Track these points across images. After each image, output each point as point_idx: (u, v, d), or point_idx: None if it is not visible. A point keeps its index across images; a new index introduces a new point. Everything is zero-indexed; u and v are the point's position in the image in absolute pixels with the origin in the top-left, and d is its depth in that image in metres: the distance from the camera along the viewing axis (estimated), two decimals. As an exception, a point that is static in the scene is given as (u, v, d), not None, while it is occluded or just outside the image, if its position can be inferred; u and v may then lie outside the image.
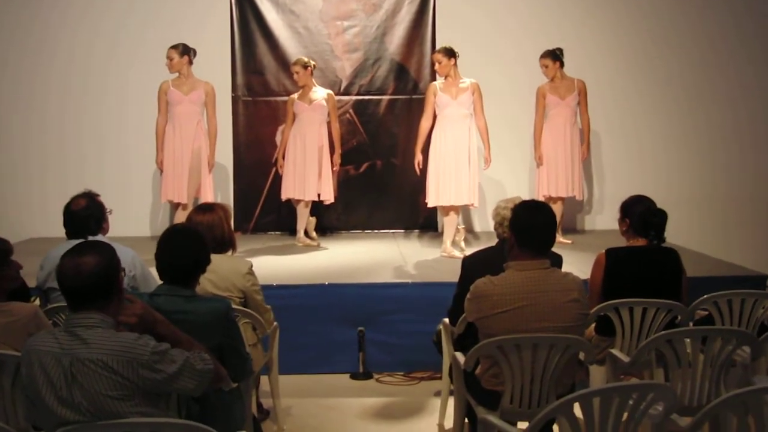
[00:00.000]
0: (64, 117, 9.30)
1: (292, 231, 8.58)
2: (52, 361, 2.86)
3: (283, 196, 8.32)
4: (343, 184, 9.07)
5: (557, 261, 4.58)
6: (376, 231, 9.41)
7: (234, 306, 4.52)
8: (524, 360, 3.83)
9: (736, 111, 9.51)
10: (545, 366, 3.83)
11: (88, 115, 9.29)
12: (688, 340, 4.05)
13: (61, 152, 9.30)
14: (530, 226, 3.96)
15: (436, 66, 7.74)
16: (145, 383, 2.88)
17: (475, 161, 7.69)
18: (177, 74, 7.96)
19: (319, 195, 8.21)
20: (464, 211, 8.79)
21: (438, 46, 8.23)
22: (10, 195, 9.23)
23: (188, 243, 3.71)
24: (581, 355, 4.04)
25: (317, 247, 8.33)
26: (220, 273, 4.60)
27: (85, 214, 4.79)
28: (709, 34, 9.46)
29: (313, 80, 8.29)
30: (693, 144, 9.51)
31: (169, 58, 7.88)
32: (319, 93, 8.23)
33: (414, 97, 9.30)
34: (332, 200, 8.36)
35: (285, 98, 8.68)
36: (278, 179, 8.44)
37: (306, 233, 8.44)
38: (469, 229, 9.17)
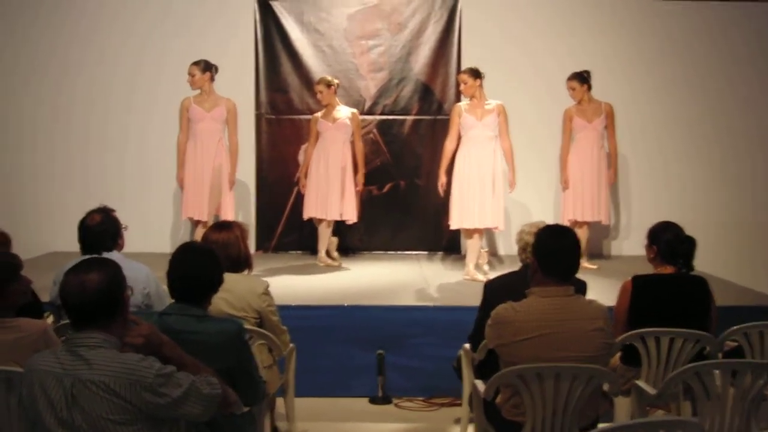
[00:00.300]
0: (88, 131, 9.27)
1: (314, 250, 8.49)
2: (53, 381, 2.76)
3: (305, 216, 8.25)
4: (366, 204, 8.98)
5: (581, 287, 4.47)
6: (398, 252, 9.29)
7: (249, 327, 4.44)
8: (546, 390, 3.69)
9: (766, 136, 9.32)
10: (568, 397, 3.69)
11: (112, 130, 9.26)
12: (717, 372, 3.90)
13: (83, 166, 9.28)
14: (554, 252, 3.83)
15: (462, 87, 7.65)
16: (148, 407, 2.76)
17: (501, 184, 7.57)
18: (199, 91, 7.90)
19: (341, 215, 8.12)
20: (488, 234, 8.67)
21: (463, 67, 8.15)
22: (31, 208, 9.20)
23: (201, 261, 3.62)
24: (605, 387, 3.89)
25: (338, 267, 8.24)
26: (236, 292, 4.50)
27: (100, 230, 4.72)
28: (738, 58, 9.32)
29: (337, 99, 8.22)
30: (722, 169, 9.34)
31: (191, 75, 7.83)
32: (343, 112, 8.17)
33: (438, 117, 9.20)
34: (355, 220, 8.28)
35: (308, 117, 8.61)
36: (300, 198, 8.37)
37: (327, 253, 8.35)
38: (493, 253, 9.04)
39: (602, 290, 6.34)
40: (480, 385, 4.08)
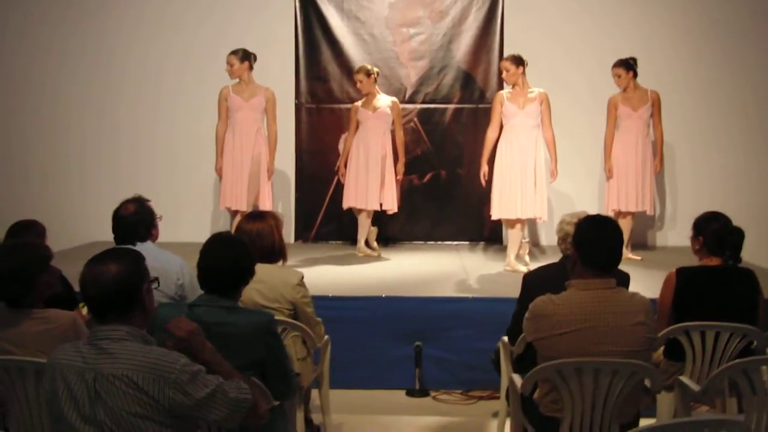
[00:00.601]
0: (137, 119, 9.32)
1: (354, 240, 8.42)
2: (75, 375, 2.69)
3: (345, 205, 8.18)
4: (406, 193, 8.91)
5: (624, 280, 4.34)
6: (439, 242, 9.21)
7: (283, 318, 4.38)
8: (585, 386, 3.58)
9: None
10: (608, 393, 3.58)
11: (159, 120, 9.29)
12: (765, 368, 3.75)
13: (130, 156, 9.32)
14: (594, 243, 3.70)
15: (504, 74, 7.50)
16: (172, 405, 2.66)
17: (543, 173, 7.42)
18: (237, 80, 7.85)
19: (381, 204, 8.05)
20: (530, 224, 8.51)
21: (506, 54, 8.00)
22: (78, 198, 9.26)
23: (231, 252, 3.56)
24: (647, 382, 3.77)
25: (378, 258, 8.17)
26: (269, 283, 4.44)
27: (134, 220, 4.69)
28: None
29: (377, 88, 8.13)
30: (772, 158, 9.10)
31: (230, 64, 7.77)
32: (384, 101, 8.08)
33: (480, 106, 9.07)
34: (395, 210, 8.19)
35: (349, 106, 8.52)
36: (340, 188, 8.30)
37: (367, 243, 8.29)
38: (535, 243, 8.92)
39: (646, 282, 6.20)
40: (517, 379, 3.99)
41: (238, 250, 3.58)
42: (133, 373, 2.65)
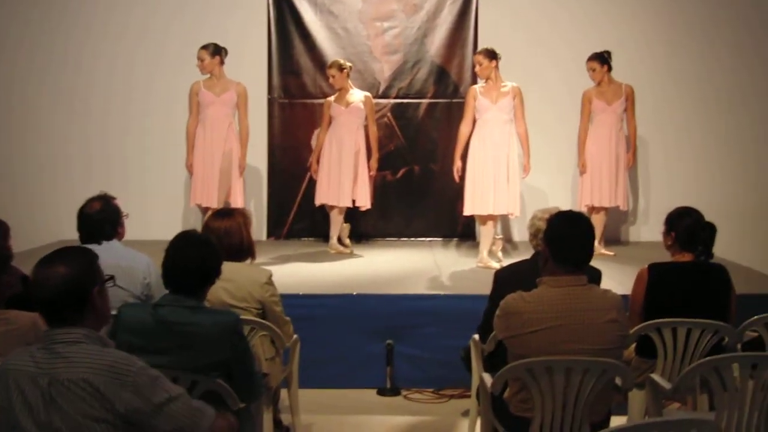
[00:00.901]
0: (101, 117, 9.15)
1: (327, 237, 8.33)
2: (29, 382, 2.59)
3: (317, 202, 8.10)
4: (379, 189, 8.82)
5: (595, 276, 4.30)
6: (412, 239, 9.14)
7: (251, 318, 4.32)
8: (556, 385, 3.53)
9: (792, 119, 9.10)
10: (579, 392, 3.53)
11: (130, 116, 9.15)
12: (736, 365, 3.71)
13: (101, 153, 9.14)
14: (566, 239, 3.65)
15: (477, 68, 7.45)
16: (128, 410, 2.57)
17: (516, 169, 7.37)
18: (209, 75, 7.76)
19: (354, 201, 7.98)
20: (503, 220, 8.50)
21: (479, 48, 7.94)
22: (40, 197, 9.06)
23: (198, 251, 3.49)
24: (618, 381, 3.72)
25: (350, 255, 8.10)
26: (238, 282, 4.37)
27: (99, 218, 4.59)
28: (764, 38, 9.04)
29: (350, 83, 8.06)
30: (744, 153, 9.08)
31: (200, 59, 7.68)
32: (357, 96, 8.01)
33: (454, 100, 9.00)
34: (368, 206, 8.13)
35: (322, 101, 8.43)
36: (313, 184, 8.23)
37: (339, 240, 8.22)
38: (508, 239, 8.88)
39: (619, 277, 6.20)
40: (488, 378, 3.93)
41: (204, 249, 3.51)
42: (91, 375, 2.57)
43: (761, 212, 8.98)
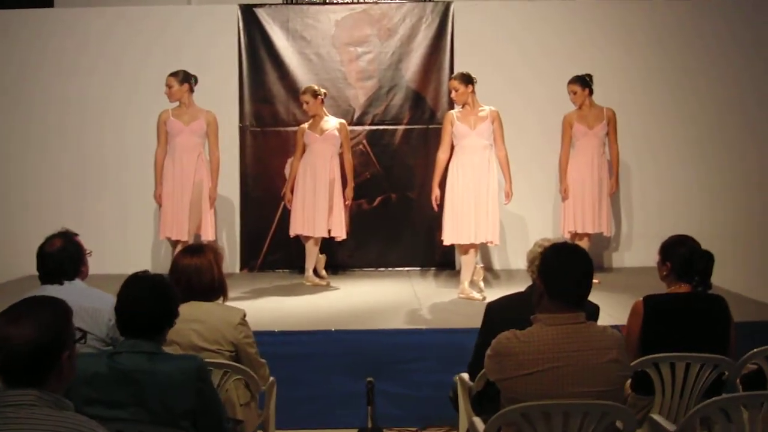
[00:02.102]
0: (64, 148, 8.90)
1: (302, 269, 8.10)
2: None
3: (292, 233, 7.87)
4: (355, 219, 8.58)
5: (593, 312, 4.06)
6: (390, 269, 8.91)
7: (224, 361, 4.05)
8: (554, 430, 3.29)
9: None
10: (578, 438, 3.29)
11: (88, 146, 8.89)
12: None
13: (57, 185, 8.91)
14: (562, 274, 3.41)
15: (453, 94, 7.25)
16: None
17: (495, 195, 7.17)
18: (177, 103, 7.52)
19: (329, 231, 7.74)
20: (483, 248, 8.27)
21: (455, 73, 7.75)
22: (8, 230, 8.80)
23: (148, 292, 3.25)
24: (619, 423, 3.48)
25: (327, 287, 7.85)
26: (209, 323, 4.09)
27: (61, 257, 4.32)
28: (747, 60, 8.96)
29: (324, 109, 7.85)
30: (728, 176, 8.97)
31: (169, 86, 7.46)
32: (331, 123, 7.80)
33: (431, 126, 8.81)
34: (344, 236, 7.90)
35: (295, 128, 8.22)
36: (287, 214, 8.00)
37: (315, 272, 7.96)
38: (488, 267, 8.65)
39: (606, 307, 5.96)
40: (479, 424, 3.68)
41: (157, 291, 3.26)
42: None
43: (744, 237, 8.85)
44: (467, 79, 7.16)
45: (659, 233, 4.91)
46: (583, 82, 7.74)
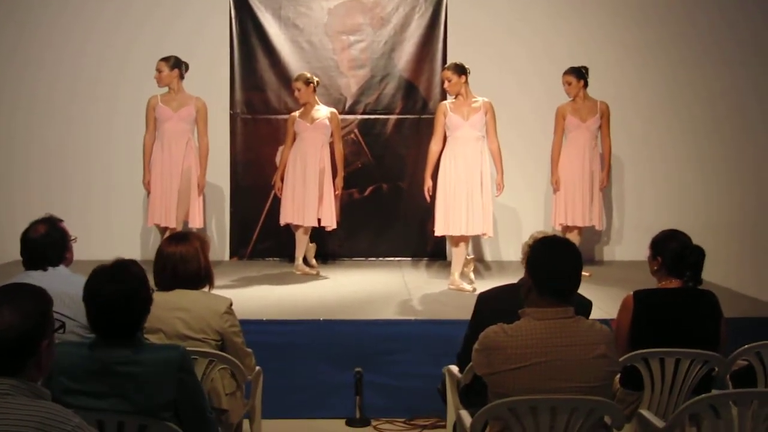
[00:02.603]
0: (51, 133, 8.81)
1: (292, 257, 8.04)
2: None
3: (282, 221, 7.81)
4: (346, 208, 8.53)
5: (585, 306, 4.02)
6: (380, 259, 8.87)
7: (209, 350, 4.00)
8: (541, 425, 3.26)
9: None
10: (565, 432, 3.25)
11: (76, 131, 8.80)
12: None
13: (45, 170, 8.82)
14: (550, 268, 3.37)
15: (446, 84, 7.19)
16: None
17: (488, 187, 7.11)
18: (167, 89, 7.45)
19: (320, 220, 7.69)
20: (475, 239, 8.23)
21: (448, 63, 7.70)
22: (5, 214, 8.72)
23: (115, 285, 3.08)
24: (607, 419, 3.45)
25: (316, 276, 7.81)
26: (195, 312, 4.04)
27: (45, 243, 4.27)
28: (742, 55, 8.92)
29: (316, 98, 7.79)
30: (720, 170, 8.96)
31: (159, 71, 7.39)
32: (323, 111, 7.73)
33: (423, 116, 8.76)
34: (334, 226, 7.84)
35: (286, 116, 8.16)
36: (277, 202, 7.94)
37: (305, 260, 7.91)
38: (480, 259, 8.61)
39: (596, 301, 5.90)
40: (466, 417, 3.64)
41: (124, 281, 3.10)
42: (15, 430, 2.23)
43: (738, 232, 8.85)
44: (460, 70, 7.11)
45: (651, 227, 4.86)
46: (579, 73, 7.70)
